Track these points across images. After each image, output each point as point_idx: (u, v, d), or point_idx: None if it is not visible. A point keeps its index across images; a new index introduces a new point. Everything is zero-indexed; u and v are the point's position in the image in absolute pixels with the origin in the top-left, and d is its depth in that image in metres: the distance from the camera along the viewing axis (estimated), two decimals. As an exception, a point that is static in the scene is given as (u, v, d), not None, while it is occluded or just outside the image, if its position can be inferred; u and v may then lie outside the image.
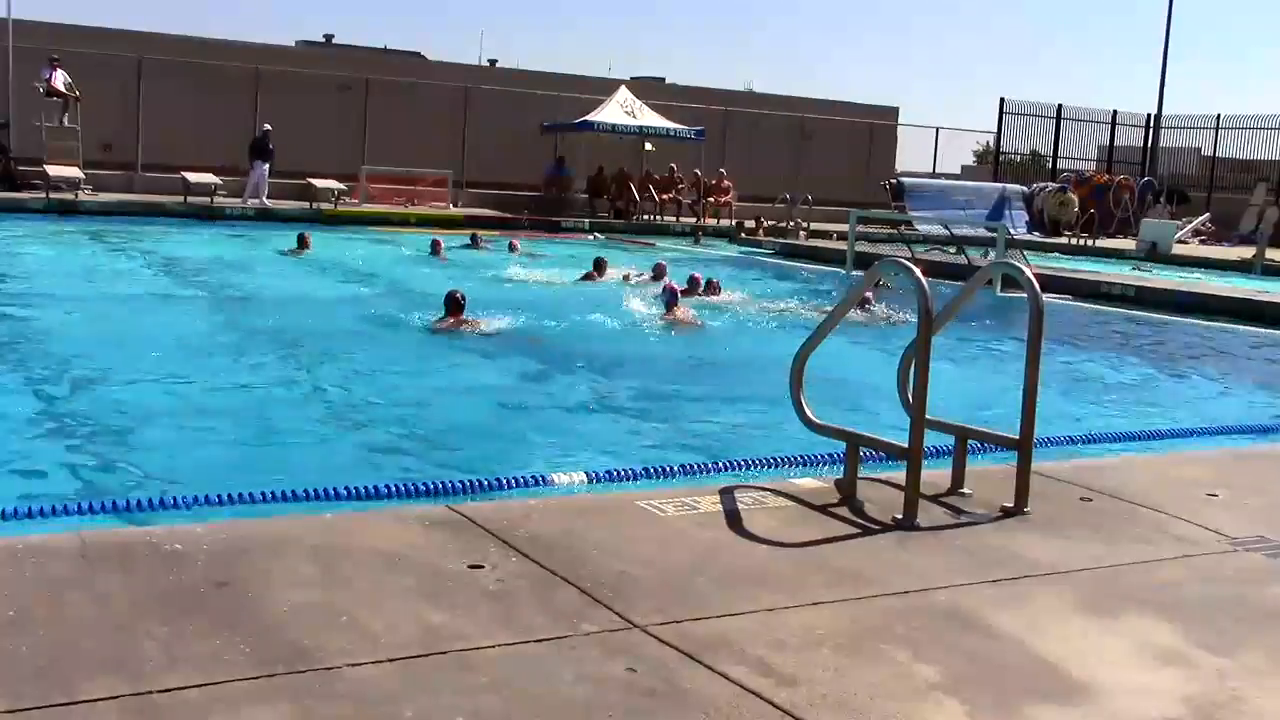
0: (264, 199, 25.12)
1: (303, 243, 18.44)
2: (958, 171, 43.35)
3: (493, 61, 40.44)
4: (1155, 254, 25.39)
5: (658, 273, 16.39)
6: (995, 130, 37.26)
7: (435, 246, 19.06)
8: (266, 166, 25.39)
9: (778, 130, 33.63)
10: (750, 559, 4.11)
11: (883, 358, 10.44)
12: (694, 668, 3.20)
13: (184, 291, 13.74)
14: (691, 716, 2.94)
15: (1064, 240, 28.84)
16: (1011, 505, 4.85)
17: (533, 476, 5.82)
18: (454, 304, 11.08)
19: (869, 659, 3.33)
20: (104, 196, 23.97)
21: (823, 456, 5.89)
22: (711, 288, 14.81)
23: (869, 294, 12.99)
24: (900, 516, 4.60)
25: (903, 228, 24.40)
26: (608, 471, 6.06)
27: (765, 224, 26.89)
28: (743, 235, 26.21)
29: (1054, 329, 10.81)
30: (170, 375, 8.68)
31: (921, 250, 21.64)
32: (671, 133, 30.61)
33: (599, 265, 16.59)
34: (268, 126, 25.54)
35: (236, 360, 9.54)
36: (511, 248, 20.60)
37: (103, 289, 13.43)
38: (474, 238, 21.19)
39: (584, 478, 5.90)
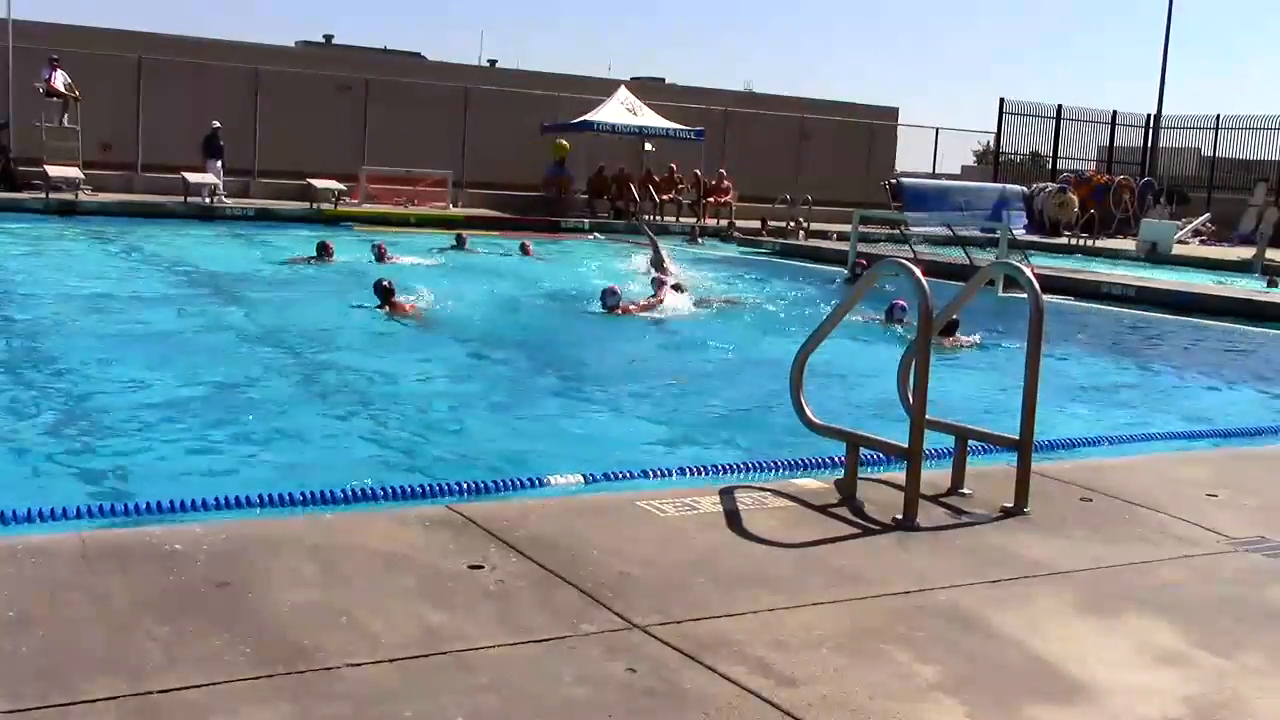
0: (220, 195, 25.01)
1: (325, 250, 17.08)
2: (958, 172, 43.35)
3: (493, 61, 40.48)
4: (1155, 254, 25.39)
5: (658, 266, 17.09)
6: (995, 130, 37.31)
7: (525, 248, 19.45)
8: (219, 163, 25.36)
9: (778, 130, 33.63)
10: (750, 559, 4.11)
11: (882, 358, 10.45)
12: (694, 668, 3.20)
13: (183, 291, 13.73)
14: (691, 716, 2.94)
15: (1064, 240, 28.84)
16: (1011, 505, 4.85)
17: (532, 477, 5.81)
18: (384, 292, 11.94)
19: (869, 659, 3.33)
20: (104, 196, 23.95)
21: (823, 457, 5.89)
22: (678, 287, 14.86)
23: (903, 302, 12.84)
24: (900, 517, 4.60)
25: (903, 228, 24.39)
26: (607, 472, 6.06)
27: (769, 224, 26.90)
28: (735, 235, 26.22)
29: (1054, 329, 10.81)
30: (170, 375, 8.68)
31: (924, 250, 21.64)
32: (671, 133, 30.60)
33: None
34: (216, 124, 25.50)
35: (237, 360, 9.53)
36: (524, 250, 20.37)
37: (101, 289, 13.41)
38: (459, 238, 20.70)
39: (583, 478, 5.90)
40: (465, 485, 5.62)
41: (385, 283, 12.14)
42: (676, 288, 14.47)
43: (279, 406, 7.99)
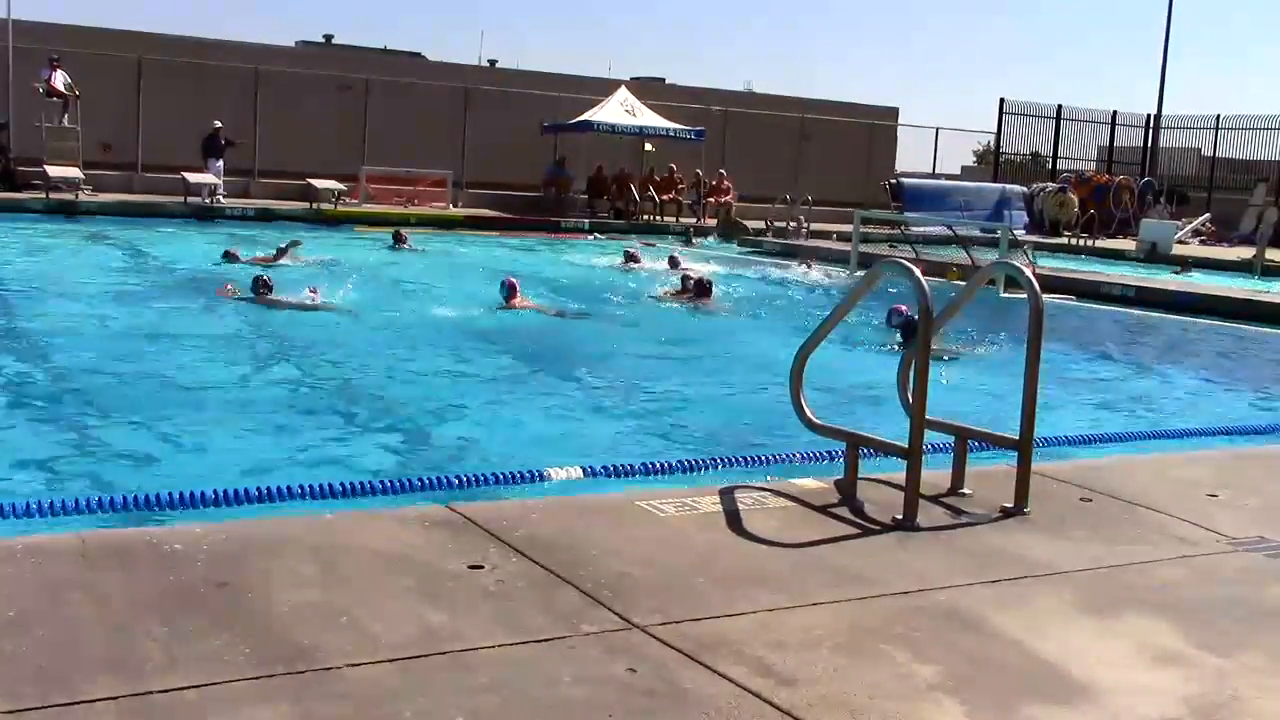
0: (219, 195, 25.02)
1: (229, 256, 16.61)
2: (958, 172, 43.34)
3: (493, 61, 40.43)
4: (1155, 254, 25.38)
5: (672, 263, 18.07)
6: (995, 130, 37.30)
7: (631, 258, 19.12)
8: (220, 163, 25.36)
9: (778, 130, 33.61)
10: (750, 559, 4.11)
11: (883, 358, 10.45)
12: (694, 668, 3.20)
13: (182, 290, 13.72)
14: (691, 717, 2.94)
15: (1064, 240, 28.84)
16: (1011, 505, 4.84)
17: (533, 475, 5.82)
18: (260, 284, 12.57)
19: (869, 659, 3.33)
20: (104, 196, 23.94)
21: (823, 456, 5.89)
22: (694, 284, 14.86)
23: (904, 307, 12.62)
24: (900, 516, 4.59)
25: (904, 228, 24.39)
26: (606, 470, 6.06)
27: (773, 224, 26.87)
28: (738, 237, 26.22)
29: (1054, 329, 10.81)
30: (170, 375, 8.68)
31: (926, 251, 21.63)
32: (671, 133, 30.59)
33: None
34: (218, 124, 25.50)
35: (236, 359, 9.54)
36: (631, 257, 19.49)
37: (100, 289, 13.41)
38: (397, 234, 20.23)
39: (583, 475, 5.90)
40: (465, 482, 5.63)
41: (264, 278, 12.77)
42: (701, 285, 14.47)
43: (277, 404, 7.99)
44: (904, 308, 12.43)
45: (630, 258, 19.26)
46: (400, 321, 12.03)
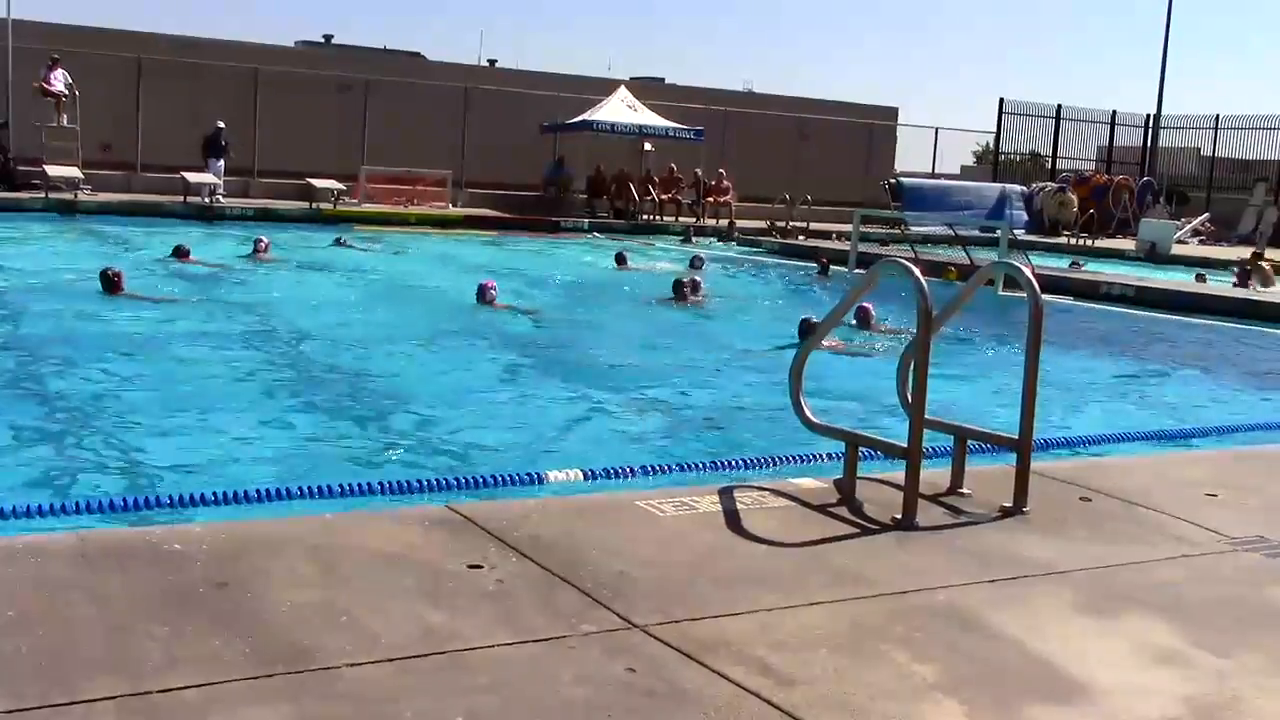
0: (219, 195, 25.00)
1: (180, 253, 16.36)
2: (957, 172, 43.35)
3: (492, 61, 40.43)
4: (1155, 254, 25.38)
5: (694, 264, 18.72)
6: (995, 130, 37.31)
7: (620, 259, 19.14)
8: (221, 163, 25.36)
9: (778, 130, 33.61)
10: (750, 559, 4.11)
11: (882, 359, 10.45)
12: (694, 668, 3.20)
13: (181, 290, 13.72)
14: (691, 716, 2.94)
15: (1064, 240, 28.84)
16: (1011, 505, 4.84)
17: (532, 476, 5.82)
18: (108, 281, 12.46)
19: (868, 659, 3.33)
20: (103, 196, 23.95)
21: (822, 456, 5.89)
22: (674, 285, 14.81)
23: (868, 305, 12.40)
24: (900, 516, 4.59)
25: (904, 228, 24.40)
26: (606, 470, 6.06)
27: (776, 225, 26.88)
28: (736, 236, 26.24)
29: (1053, 329, 10.80)
30: (169, 375, 8.68)
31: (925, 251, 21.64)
32: (671, 133, 30.59)
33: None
34: (220, 124, 25.49)
35: (235, 359, 9.53)
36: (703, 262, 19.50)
37: (99, 289, 13.39)
38: (338, 238, 20.14)
39: (583, 477, 5.90)
40: (465, 482, 5.63)
41: (110, 273, 12.58)
42: (679, 286, 14.44)
43: (277, 404, 7.99)
44: (869, 305, 12.23)
45: (620, 259, 19.34)
46: (375, 322, 12.02)
